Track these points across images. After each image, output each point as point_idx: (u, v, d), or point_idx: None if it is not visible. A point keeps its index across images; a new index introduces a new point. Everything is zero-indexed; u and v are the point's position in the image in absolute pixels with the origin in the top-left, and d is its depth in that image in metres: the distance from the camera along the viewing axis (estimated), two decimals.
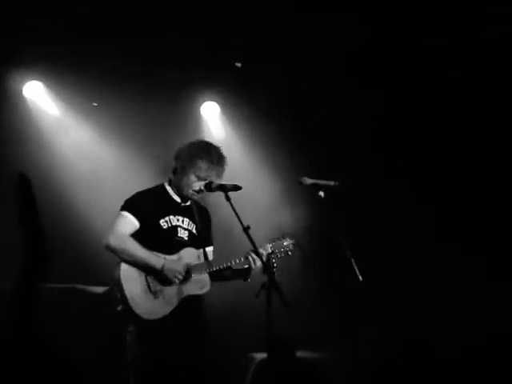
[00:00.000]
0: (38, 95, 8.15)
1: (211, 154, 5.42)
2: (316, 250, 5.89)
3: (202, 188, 5.34)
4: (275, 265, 5.23)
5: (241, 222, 4.93)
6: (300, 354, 5.87)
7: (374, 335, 7.35)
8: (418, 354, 6.34)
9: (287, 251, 5.45)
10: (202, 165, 5.36)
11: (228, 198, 5.08)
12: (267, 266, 5.04)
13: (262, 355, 6.06)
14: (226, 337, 7.27)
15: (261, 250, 5.26)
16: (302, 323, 6.73)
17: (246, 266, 5.31)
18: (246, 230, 4.89)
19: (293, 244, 5.46)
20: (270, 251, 5.37)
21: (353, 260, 4.95)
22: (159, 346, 5.13)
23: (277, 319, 4.77)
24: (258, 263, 5.27)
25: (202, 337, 5.37)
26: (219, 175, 5.41)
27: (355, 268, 4.95)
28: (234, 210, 5.00)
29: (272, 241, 5.43)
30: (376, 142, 8.07)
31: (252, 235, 4.87)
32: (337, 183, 5.16)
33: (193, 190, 5.38)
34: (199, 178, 5.36)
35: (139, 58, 7.82)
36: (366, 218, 7.86)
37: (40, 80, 8.08)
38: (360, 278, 4.92)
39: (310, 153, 8.03)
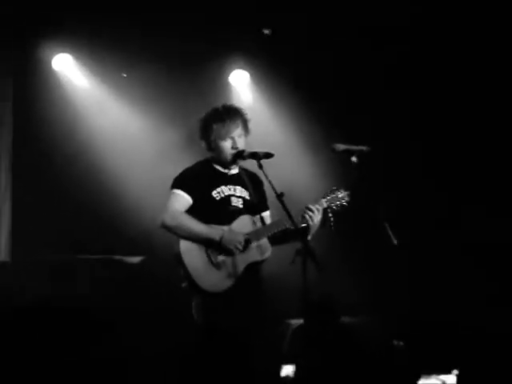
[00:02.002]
0: (67, 68, 8.17)
1: (219, 112, 5.36)
2: (350, 216, 5.88)
3: (234, 152, 5.30)
4: (332, 219, 5.22)
5: (274, 189, 4.94)
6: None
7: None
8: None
9: (343, 203, 5.36)
10: (218, 126, 5.31)
11: (260, 166, 5.09)
12: (325, 221, 5.03)
13: (298, 321, 6.09)
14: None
15: (316, 206, 5.24)
16: (337, 288, 6.72)
17: (304, 225, 5.20)
18: (280, 196, 4.90)
19: (348, 195, 5.36)
20: (325, 206, 5.27)
21: (387, 225, 4.95)
22: (225, 318, 5.08)
23: (312, 285, 4.78)
24: (316, 220, 5.22)
25: (264, 305, 5.35)
26: (241, 127, 5.34)
27: (390, 232, 4.95)
28: (267, 178, 5.02)
29: (326, 195, 5.31)
30: (409, 106, 8.00)
31: (286, 202, 4.89)
32: (369, 148, 5.15)
33: (229, 154, 5.33)
34: (224, 140, 5.33)
35: (168, 29, 7.83)
36: (396, 183, 7.84)
37: (69, 52, 8.09)
38: (395, 241, 4.92)
39: (340, 120, 7.99)
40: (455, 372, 5.19)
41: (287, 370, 4.10)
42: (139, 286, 6.76)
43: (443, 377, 5.33)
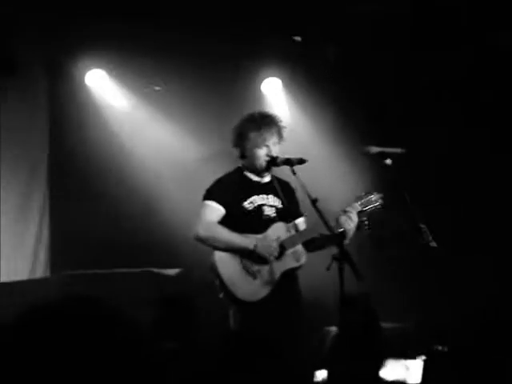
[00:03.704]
0: (100, 83, 8.19)
1: (255, 120, 5.37)
2: (385, 220, 5.84)
3: (268, 159, 5.27)
4: (367, 222, 5.17)
5: (309, 195, 4.90)
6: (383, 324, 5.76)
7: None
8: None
9: (377, 205, 5.33)
10: (253, 134, 5.31)
11: (294, 172, 5.06)
12: (359, 225, 5.00)
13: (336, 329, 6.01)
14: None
15: (350, 209, 5.20)
16: (375, 295, 6.63)
17: (341, 230, 5.16)
18: (314, 202, 4.86)
19: (381, 197, 5.35)
20: (359, 209, 5.26)
21: (424, 228, 4.89)
22: (264, 326, 5.03)
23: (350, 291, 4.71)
24: (352, 224, 5.18)
25: (302, 312, 5.31)
26: (276, 134, 5.33)
27: (428, 235, 4.88)
28: (301, 184, 4.98)
29: (359, 198, 5.30)
30: (441, 110, 7.90)
31: (321, 208, 4.84)
32: (404, 150, 5.09)
33: (264, 161, 5.31)
34: (260, 148, 5.31)
35: (199, 40, 7.82)
36: (431, 185, 7.74)
37: (102, 68, 8.11)
38: (434, 244, 4.85)
39: (374, 124, 7.91)
40: (422, 357, 5.06)
41: (321, 375, 4.03)
42: (176, 297, 6.73)
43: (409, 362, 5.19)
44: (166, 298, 4.74)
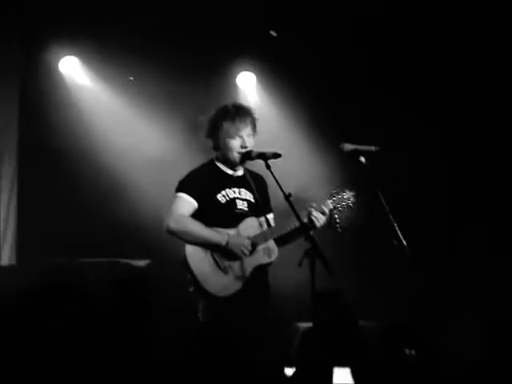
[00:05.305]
0: (74, 70, 8.12)
1: (229, 110, 5.33)
2: (358, 217, 5.83)
3: (242, 151, 5.24)
4: (338, 220, 5.17)
5: (282, 190, 4.88)
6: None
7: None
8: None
9: (349, 204, 5.34)
10: (227, 124, 5.27)
11: (268, 166, 5.04)
12: (331, 222, 4.99)
13: (306, 325, 6.02)
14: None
15: (322, 207, 5.20)
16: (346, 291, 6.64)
17: (309, 225, 5.16)
18: (288, 197, 4.84)
19: (353, 196, 5.35)
20: (331, 207, 5.26)
21: (396, 225, 4.90)
22: (233, 320, 4.99)
23: (321, 288, 4.71)
24: (322, 221, 5.19)
25: (268, 308, 5.30)
26: (250, 125, 5.31)
27: (399, 234, 4.89)
28: (275, 178, 4.96)
29: (332, 196, 5.30)
30: (417, 104, 7.92)
31: (293, 203, 4.83)
32: (378, 148, 5.09)
33: (237, 153, 5.28)
34: (233, 138, 5.27)
35: (175, 32, 7.79)
36: (405, 182, 7.76)
37: (76, 55, 8.05)
38: (404, 242, 4.86)
39: (347, 120, 7.92)
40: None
41: (290, 372, 4.02)
42: (144, 288, 6.69)
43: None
44: (124, 286, 4.68)
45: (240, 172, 5.41)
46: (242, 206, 5.32)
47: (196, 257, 5.14)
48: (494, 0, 7.48)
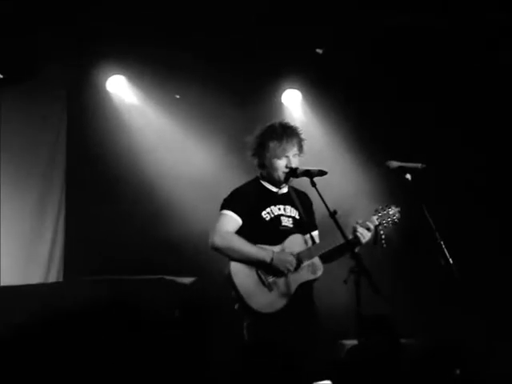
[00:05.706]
0: (121, 89, 8.22)
1: (276, 130, 5.32)
2: (403, 235, 5.82)
3: (287, 171, 5.26)
4: (383, 236, 5.15)
5: (327, 207, 4.88)
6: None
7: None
8: None
9: (394, 220, 5.31)
10: (273, 144, 5.26)
11: (314, 184, 5.03)
12: (376, 238, 4.97)
13: (352, 342, 5.98)
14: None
15: (367, 223, 5.19)
16: (392, 309, 6.61)
17: (354, 242, 5.14)
18: (333, 215, 4.83)
19: (399, 211, 5.32)
20: (376, 223, 5.23)
21: (442, 243, 4.86)
22: (278, 338, 4.97)
23: (366, 305, 4.69)
24: (367, 238, 5.17)
25: (317, 325, 5.27)
26: (297, 146, 5.30)
27: (445, 251, 4.85)
28: (320, 195, 4.95)
29: (377, 212, 5.28)
30: (466, 120, 7.87)
31: (339, 220, 4.82)
32: (424, 165, 5.06)
33: (283, 172, 5.29)
34: (280, 158, 5.29)
35: (220, 50, 7.83)
36: (451, 201, 7.70)
37: (123, 74, 8.15)
38: (450, 260, 4.82)
39: (394, 138, 7.89)
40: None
41: None
42: (190, 306, 6.73)
43: None
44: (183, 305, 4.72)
45: (285, 189, 5.42)
46: (286, 222, 5.32)
47: (240, 273, 5.14)
48: None
